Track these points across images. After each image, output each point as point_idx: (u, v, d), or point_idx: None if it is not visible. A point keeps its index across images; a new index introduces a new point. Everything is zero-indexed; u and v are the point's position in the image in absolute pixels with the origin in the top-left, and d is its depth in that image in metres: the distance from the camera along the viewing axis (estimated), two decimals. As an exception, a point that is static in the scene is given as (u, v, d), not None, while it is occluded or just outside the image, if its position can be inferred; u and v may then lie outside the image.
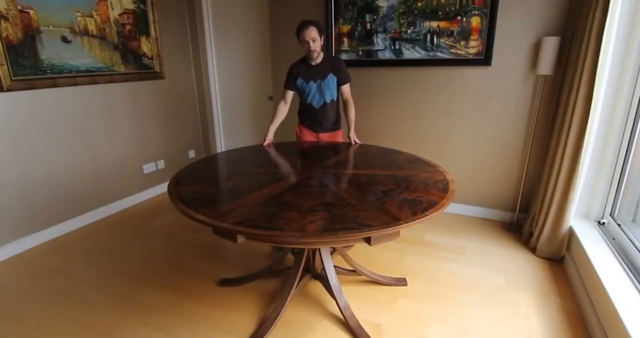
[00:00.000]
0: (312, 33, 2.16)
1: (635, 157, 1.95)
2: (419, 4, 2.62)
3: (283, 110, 2.45)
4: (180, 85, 3.58)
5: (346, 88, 2.39)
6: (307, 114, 2.50)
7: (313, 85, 2.36)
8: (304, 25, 2.17)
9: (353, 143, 2.36)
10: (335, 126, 2.53)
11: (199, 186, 1.59)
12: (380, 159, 1.98)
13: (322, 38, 2.24)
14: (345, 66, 2.37)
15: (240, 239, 1.23)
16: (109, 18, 2.82)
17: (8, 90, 2.25)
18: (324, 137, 2.52)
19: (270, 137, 2.39)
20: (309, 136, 2.54)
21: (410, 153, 2.10)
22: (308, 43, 2.19)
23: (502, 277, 2.10)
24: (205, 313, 1.82)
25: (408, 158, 2.00)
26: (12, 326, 1.74)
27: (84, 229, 2.77)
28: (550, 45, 2.26)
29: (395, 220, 1.22)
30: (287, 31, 3.12)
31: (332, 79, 2.34)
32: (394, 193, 1.46)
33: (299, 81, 2.37)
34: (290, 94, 2.43)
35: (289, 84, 2.40)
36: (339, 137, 2.55)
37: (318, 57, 2.30)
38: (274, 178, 1.71)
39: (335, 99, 2.42)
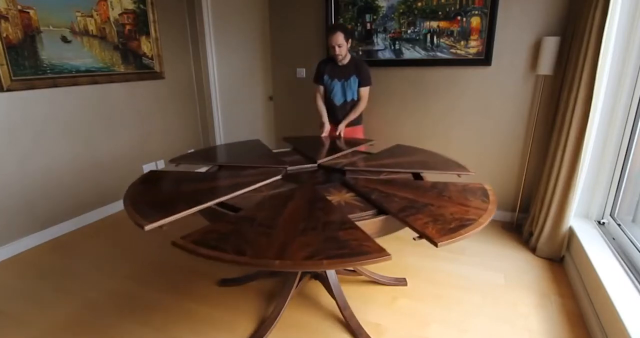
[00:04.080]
0: (339, 39, 2.32)
1: (635, 157, 1.95)
2: (419, 4, 2.62)
3: (322, 101, 2.64)
4: (180, 85, 3.58)
5: (364, 90, 2.54)
6: (329, 110, 2.64)
7: (337, 84, 2.53)
8: (331, 30, 2.34)
9: (337, 134, 2.56)
10: (355, 122, 2.65)
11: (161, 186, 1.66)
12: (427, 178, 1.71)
13: (349, 42, 2.42)
14: (368, 70, 2.51)
15: (149, 227, 1.28)
16: (109, 18, 2.82)
17: (8, 90, 2.25)
18: (344, 131, 2.62)
19: (328, 126, 2.60)
20: (330, 130, 2.65)
21: (478, 183, 1.62)
22: (334, 48, 2.36)
23: (502, 277, 2.10)
24: (205, 313, 1.82)
25: (471, 188, 1.55)
26: (12, 326, 1.74)
27: (84, 229, 2.77)
28: (550, 45, 2.26)
29: (276, 257, 1.05)
30: (287, 31, 3.12)
31: (354, 80, 2.50)
32: (334, 227, 1.19)
33: (325, 77, 2.55)
34: (322, 88, 2.62)
35: (318, 78, 2.59)
36: (359, 132, 2.69)
37: (344, 59, 2.46)
38: (259, 179, 1.67)
39: (355, 98, 2.57)
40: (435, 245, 1.10)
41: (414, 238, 1.16)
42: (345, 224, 1.22)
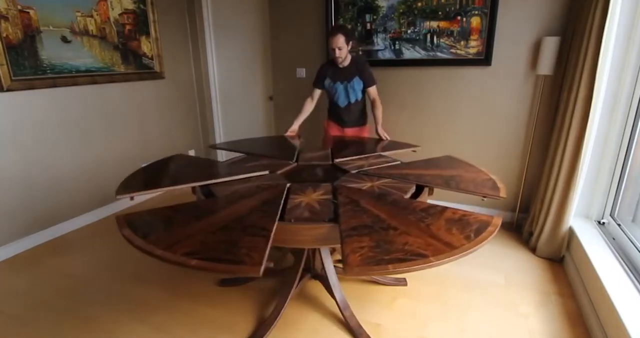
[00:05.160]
0: (339, 42, 2.29)
1: (635, 157, 1.95)
2: (419, 4, 2.62)
3: (309, 106, 2.60)
4: (180, 85, 3.58)
5: (372, 90, 2.51)
6: (333, 111, 2.65)
7: (340, 86, 2.49)
8: (332, 32, 2.31)
9: (383, 139, 2.48)
10: (360, 122, 2.65)
11: (157, 171, 1.81)
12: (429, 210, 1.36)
13: (350, 44, 2.38)
14: (369, 69, 2.48)
15: (120, 197, 1.47)
16: (109, 18, 2.83)
17: (8, 90, 2.25)
18: (349, 131, 2.64)
19: (294, 128, 2.55)
20: (335, 130, 2.66)
21: (490, 216, 1.29)
22: (334, 50, 2.33)
23: (502, 276, 2.10)
24: (205, 312, 1.82)
25: (471, 220, 1.27)
26: (12, 326, 1.74)
27: (84, 229, 2.77)
28: (550, 45, 2.26)
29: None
30: (287, 31, 3.12)
31: (357, 82, 2.47)
32: (250, 231, 1.18)
33: (327, 81, 2.52)
34: (317, 92, 2.59)
35: (318, 82, 2.55)
36: (364, 132, 2.68)
37: (344, 61, 2.44)
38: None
39: (359, 99, 2.55)
40: (345, 273, 1.00)
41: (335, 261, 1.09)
42: (262, 231, 1.18)
